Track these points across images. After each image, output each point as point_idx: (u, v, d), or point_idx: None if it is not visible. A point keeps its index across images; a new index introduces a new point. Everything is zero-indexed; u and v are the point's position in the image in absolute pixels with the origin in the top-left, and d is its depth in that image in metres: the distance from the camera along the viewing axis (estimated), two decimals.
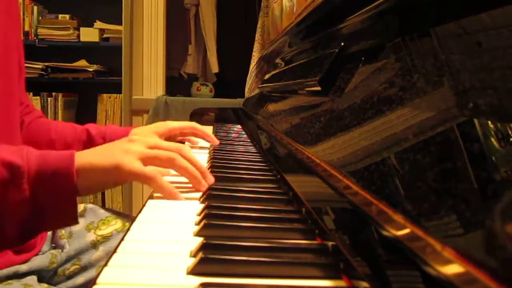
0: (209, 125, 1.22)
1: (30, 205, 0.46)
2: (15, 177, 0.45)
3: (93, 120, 2.40)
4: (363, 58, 0.50)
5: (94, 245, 0.76)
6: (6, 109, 0.66)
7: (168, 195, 0.52)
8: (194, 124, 0.87)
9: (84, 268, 0.74)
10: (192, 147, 0.89)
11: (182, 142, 0.89)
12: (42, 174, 0.47)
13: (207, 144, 0.89)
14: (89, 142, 0.82)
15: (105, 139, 0.82)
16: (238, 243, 0.36)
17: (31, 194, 0.46)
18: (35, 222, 0.47)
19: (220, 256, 0.33)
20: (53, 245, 0.75)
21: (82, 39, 2.34)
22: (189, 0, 2.29)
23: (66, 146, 0.81)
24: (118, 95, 2.36)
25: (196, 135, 0.88)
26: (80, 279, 0.73)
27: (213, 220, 0.42)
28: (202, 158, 0.78)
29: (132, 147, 0.54)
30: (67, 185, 0.47)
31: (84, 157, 0.50)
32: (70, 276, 0.73)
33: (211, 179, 0.57)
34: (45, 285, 0.68)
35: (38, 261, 0.68)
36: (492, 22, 0.29)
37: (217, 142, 0.86)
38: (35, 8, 2.38)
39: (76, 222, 0.50)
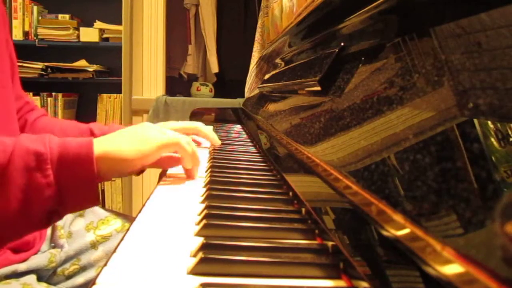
0: (209, 125, 1.21)
1: (55, 189, 0.49)
2: (41, 163, 0.48)
3: (93, 120, 2.40)
4: (363, 58, 0.50)
5: (94, 245, 0.76)
6: (3, 100, 0.67)
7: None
8: (197, 124, 0.85)
9: (83, 268, 0.74)
10: None
11: None
12: (64, 161, 0.50)
13: (208, 144, 0.89)
14: None
15: None
16: (238, 243, 0.36)
17: (55, 179, 0.49)
18: (59, 205, 0.50)
19: (220, 256, 0.33)
20: (52, 244, 0.75)
21: (82, 39, 2.34)
22: (189, 0, 2.29)
23: None
24: (118, 95, 2.36)
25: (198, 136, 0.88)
26: (80, 279, 0.73)
27: (213, 220, 0.42)
28: (203, 157, 0.78)
29: (151, 134, 0.58)
30: (88, 172, 0.50)
31: (103, 146, 0.53)
32: (69, 276, 0.73)
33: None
34: (45, 284, 0.67)
35: (36, 260, 0.68)
36: (492, 22, 0.29)
37: (219, 142, 0.85)
38: (35, 8, 2.38)
39: (99, 203, 0.54)
